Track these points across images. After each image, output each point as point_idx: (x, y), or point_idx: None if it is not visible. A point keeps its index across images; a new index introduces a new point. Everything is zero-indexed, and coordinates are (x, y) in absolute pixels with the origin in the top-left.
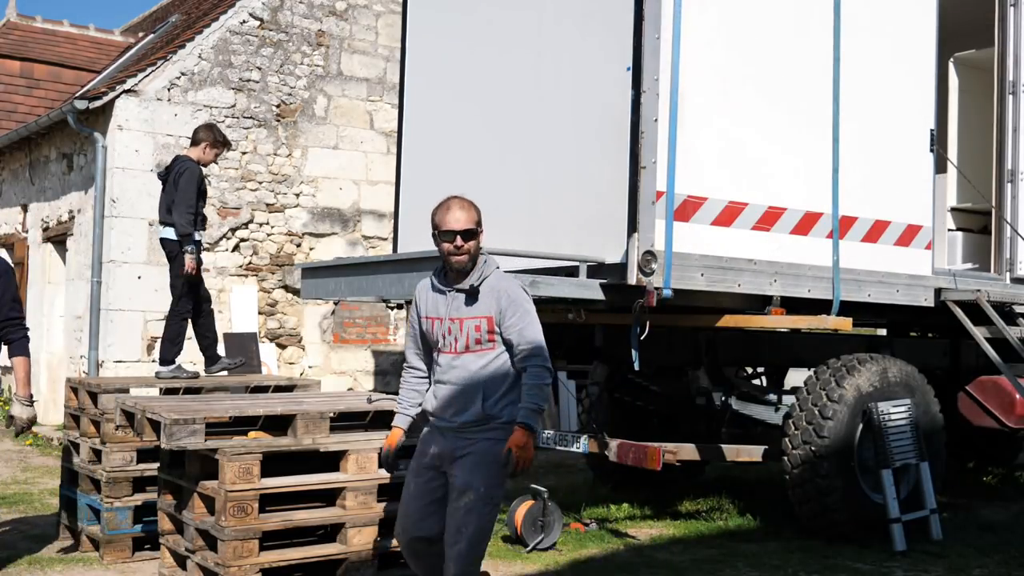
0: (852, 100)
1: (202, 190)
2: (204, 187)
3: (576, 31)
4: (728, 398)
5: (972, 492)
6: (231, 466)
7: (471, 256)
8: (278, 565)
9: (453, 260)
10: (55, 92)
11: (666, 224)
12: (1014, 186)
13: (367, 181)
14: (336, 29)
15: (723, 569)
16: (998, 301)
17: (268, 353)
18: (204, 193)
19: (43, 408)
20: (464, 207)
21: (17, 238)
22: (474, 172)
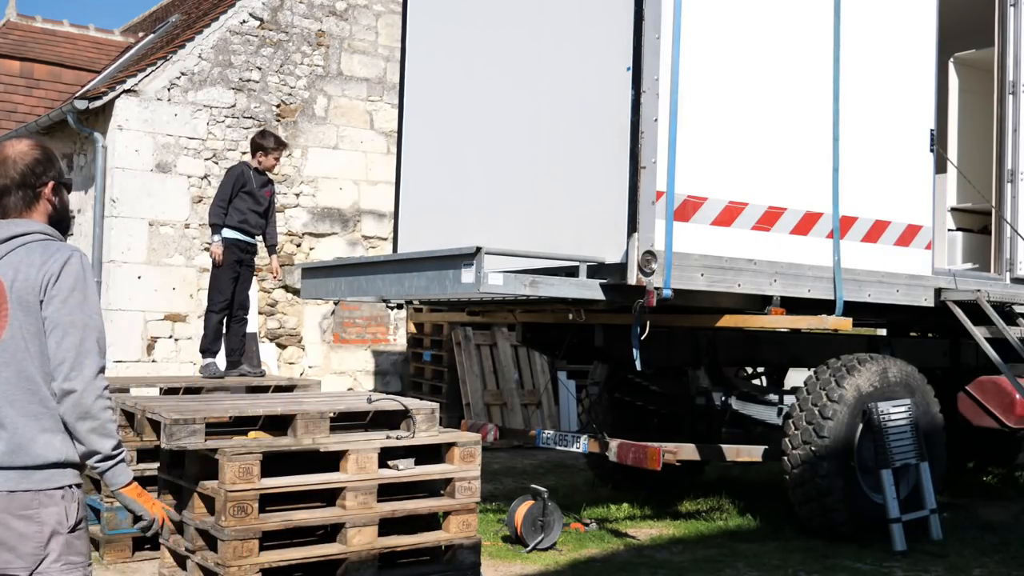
0: (852, 100)
1: (246, 190)
2: (248, 187)
3: (576, 31)
4: (728, 398)
5: (972, 492)
6: (231, 466)
7: None
8: (278, 565)
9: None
10: (55, 92)
11: (666, 224)
12: (1014, 186)
13: (367, 181)
14: (336, 29)
15: (723, 569)
16: (998, 301)
17: (268, 353)
18: (250, 193)
19: None
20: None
21: None
22: (474, 172)
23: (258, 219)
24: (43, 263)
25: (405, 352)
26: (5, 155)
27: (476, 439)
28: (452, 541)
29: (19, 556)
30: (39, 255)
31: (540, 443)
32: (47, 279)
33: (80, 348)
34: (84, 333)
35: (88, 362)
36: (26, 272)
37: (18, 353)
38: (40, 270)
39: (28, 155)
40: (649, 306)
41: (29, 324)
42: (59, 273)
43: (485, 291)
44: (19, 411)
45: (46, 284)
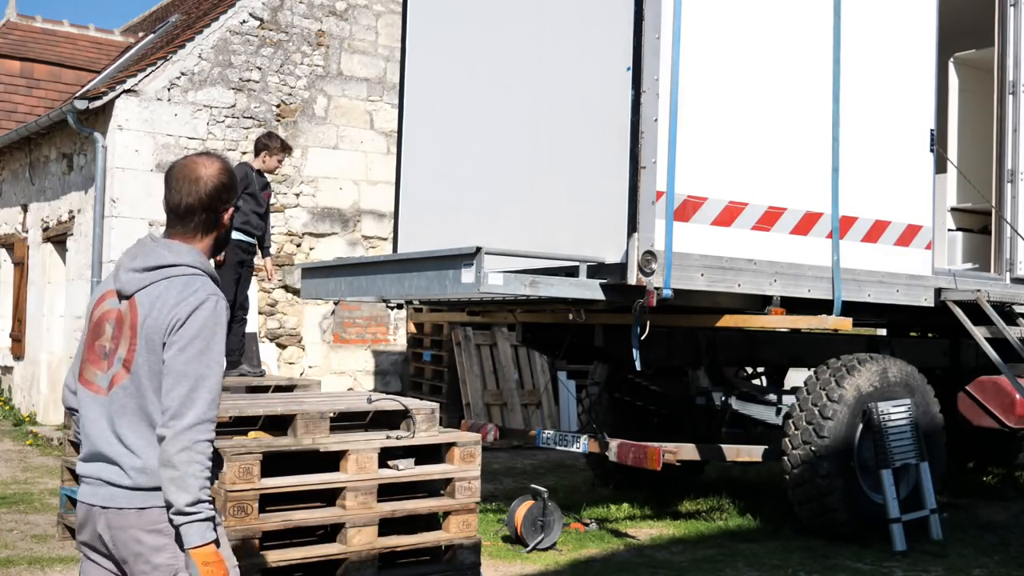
0: (852, 100)
1: (249, 191)
2: (251, 188)
3: (576, 31)
4: (728, 398)
5: (972, 492)
6: (231, 466)
7: None
8: (278, 565)
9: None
10: (55, 92)
11: (666, 224)
12: (1014, 186)
13: (367, 181)
14: (336, 29)
15: (723, 569)
16: (998, 301)
17: (268, 353)
18: (252, 194)
19: (43, 408)
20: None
21: (17, 238)
22: (474, 172)
23: (259, 220)
24: (175, 304)
25: (405, 352)
26: (197, 175)
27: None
28: (452, 541)
29: (155, 567)
30: (175, 294)
31: (540, 443)
32: (173, 323)
33: (187, 398)
34: (196, 383)
35: (190, 413)
36: (159, 310)
37: (141, 387)
38: (170, 312)
39: (218, 178)
40: (649, 306)
41: (152, 362)
42: (186, 319)
43: (485, 291)
44: (144, 440)
45: (171, 327)
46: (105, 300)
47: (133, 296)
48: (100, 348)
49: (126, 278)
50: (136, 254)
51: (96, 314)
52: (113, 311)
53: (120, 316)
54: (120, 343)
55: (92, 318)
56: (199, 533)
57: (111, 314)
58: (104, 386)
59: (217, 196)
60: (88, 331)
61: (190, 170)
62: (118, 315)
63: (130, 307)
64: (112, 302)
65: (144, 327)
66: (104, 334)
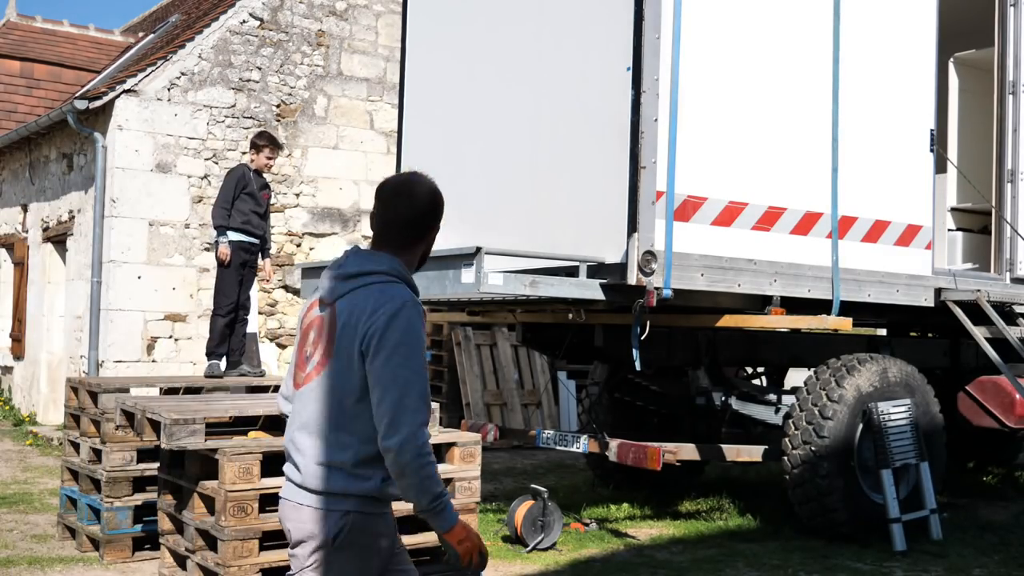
0: (852, 100)
1: (247, 192)
2: (249, 188)
3: (576, 31)
4: (728, 398)
5: (972, 492)
6: (231, 466)
7: None
8: (278, 565)
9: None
10: (55, 92)
11: (666, 224)
12: (1014, 186)
13: (367, 181)
14: (336, 29)
15: (723, 569)
16: (998, 301)
17: (268, 353)
18: (251, 194)
19: (43, 408)
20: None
21: (17, 238)
22: (474, 172)
23: (259, 220)
24: (373, 312)
25: None
26: (412, 192)
27: (476, 439)
28: None
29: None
30: (372, 302)
31: (540, 443)
32: (372, 332)
33: (399, 406)
34: (404, 390)
35: (406, 420)
36: (356, 319)
37: (331, 391)
38: (368, 320)
39: (431, 196)
40: (649, 306)
41: (345, 368)
42: (384, 328)
43: (485, 291)
44: (319, 442)
45: (369, 336)
46: (312, 308)
47: (334, 303)
48: (305, 353)
49: (329, 286)
50: (339, 263)
51: (305, 322)
52: (318, 319)
53: (322, 323)
54: (317, 348)
55: (302, 326)
56: (446, 519)
57: (316, 322)
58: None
59: (430, 212)
60: (298, 339)
61: (406, 187)
62: (321, 322)
63: (330, 314)
64: (317, 311)
65: (343, 333)
66: (308, 340)
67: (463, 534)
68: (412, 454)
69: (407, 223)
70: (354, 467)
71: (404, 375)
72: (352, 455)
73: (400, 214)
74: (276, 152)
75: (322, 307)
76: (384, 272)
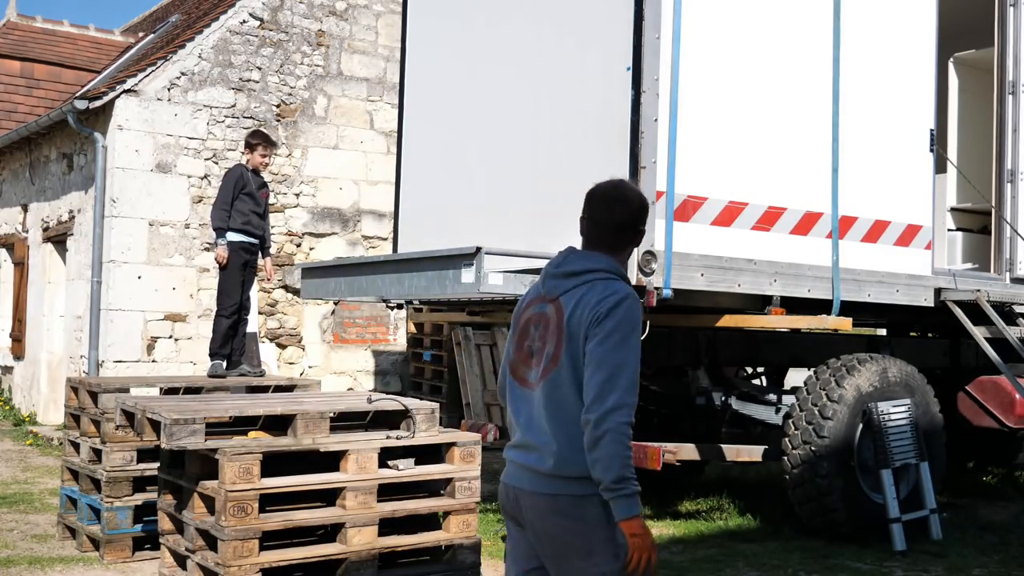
0: (852, 100)
1: (246, 192)
2: (248, 188)
3: (576, 31)
4: (728, 398)
5: (972, 492)
6: (231, 466)
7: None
8: (278, 565)
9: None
10: (55, 92)
11: (666, 224)
12: (1014, 186)
13: (367, 181)
14: (336, 29)
15: (723, 569)
16: (998, 301)
17: (268, 353)
18: (249, 194)
19: (43, 408)
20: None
21: (17, 238)
22: (474, 172)
23: (259, 220)
24: (597, 302)
25: (405, 352)
26: (627, 197)
27: (476, 439)
28: (452, 541)
29: (572, 549)
30: (597, 293)
31: None
32: (595, 317)
33: (607, 384)
34: (615, 371)
35: (611, 396)
36: (582, 309)
37: (565, 380)
38: (593, 309)
39: (641, 200)
40: (649, 306)
41: (574, 356)
42: (606, 314)
43: (485, 291)
44: (563, 430)
45: (592, 322)
46: (531, 306)
47: (558, 298)
48: (527, 348)
49: (552, 284)
50: (559, 263)
51: (523, 319)
52: (538, 315)
53: (546, 318)
54: (547, 342)
55: (519, 322)
56: (626, 507)
57: (536, 318)
58: (534, 381)
59: (641, 216)
60: (515, 334)
61: (620, 192)
62: (543, 317)
63: (555, 308)
64: (537, 307)
65: (568, 324)
66: (529, 336)
67: (640, 530)
68: (610, 428)
69: (620, 226)
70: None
71: (617, 357)
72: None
73: (614, 218)
74: (270, 149)
75: (543, 303)
76: (604, 270)
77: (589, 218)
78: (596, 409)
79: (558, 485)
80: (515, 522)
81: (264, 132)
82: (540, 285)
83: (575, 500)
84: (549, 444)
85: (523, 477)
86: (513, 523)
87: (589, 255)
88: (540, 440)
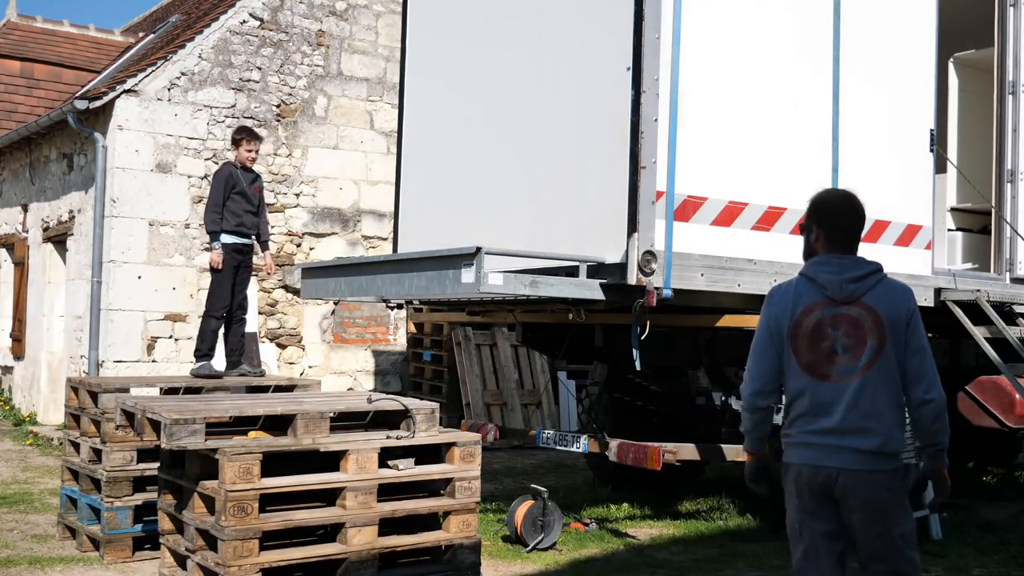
0: (852, 100)
1: (237, 191)
2: (239, 187)
3: (576, 31)
4: (728, 398)
5: (972, 492)
6: (231, 466)
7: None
8: (278, 565)
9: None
10: (55, 92)
11: (666, 224)
12: (1014, 186)
13: (367, 181)
14: (336, 29)
15: (723, 569)
16: (998, 301)
17: (268, 353)
18: (241, 193)
19: (43, 408)
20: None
21: (17, 238)
22: (474, 172)
23: (253, 219)
24: (899, 298)
25: (405, 352)
26: (859, 204)
27: (476, 439)
28: (452, 541)
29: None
30: (893, 292)
31: (540, 443)
32: (909, 311)
33: (928, 365)
34: (926, 354)
35: (934, 375)
36: (894, 304)
37: (890, 368)
38: (902, 304)
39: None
40: (649, 306)
41: (896, 345)
42: (912, 308)
43: (485, 291)
44: (888, 412)
45: (907, 315)
46: (814, 310)
47: (859, 300)
48: (828, 348)
49: (848, 288)
50: (839, 270)
51: (808, 323)
52: (836, 316)
53: (851, 318)
54: (866, 338)
55: (802, 326)
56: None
57: (834, 319)
58: (850, 374)
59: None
60: (799, 337)
61: (854, 201)
62: (846, 318)
63: (864, 309)
64: (829, 310)
65: (889, 319)
66: (828, 336)
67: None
68: (941, 399)
69: (858, 230)
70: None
71: (925, 344)
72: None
73: (856, 223)
74: (255, 143)
75: (837, 306)
76: (878, 269)
77: (832, 226)
78: (934, 390)
79: (882, 461)
80: (816, 499)
81: (248, 127)
82: (817, 292)
83: (894, 473)
84: (876, 426)
85: (844, 458)
86: (813, 500)
87: (858, 260)
88: (866, 423)
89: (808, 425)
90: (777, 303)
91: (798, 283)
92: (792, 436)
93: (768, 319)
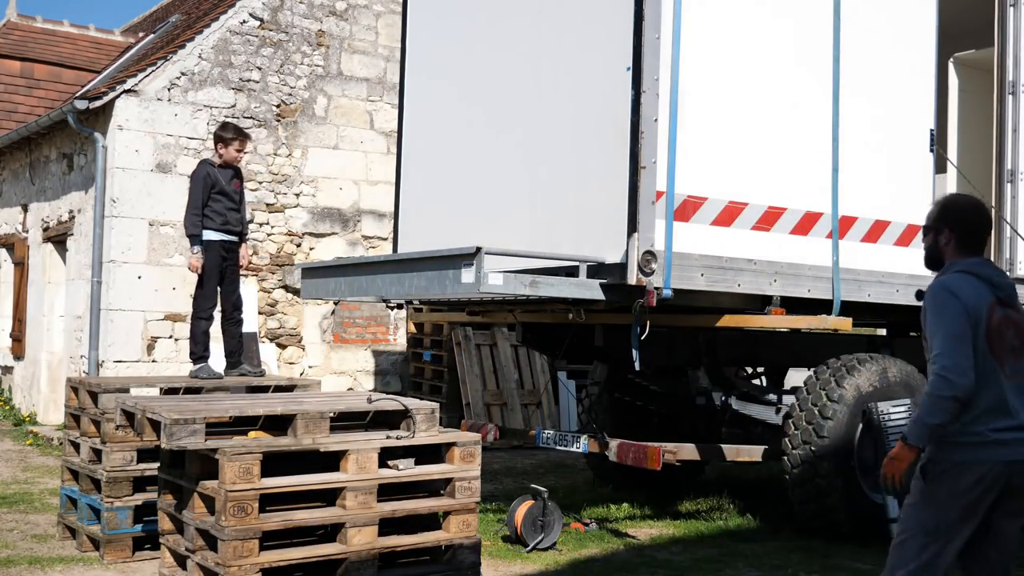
0: (852, 100)
1: (217, 191)
2: (219, 187)
3: (576, 31)
4: (728, 398)
5: None
6: (231, 466)
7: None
8: (278, 565)
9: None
10: (55, 92)
11: (666, 224)
12: (1014, 186)
13: (367, 181)
14: (336, 29)
15: (723, 569)
16: None
17: (268, 353)
18: (222, 192)
19: (43, 407)
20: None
21: (17, 238)
22: (474, 172)
23: (237, 216)
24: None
25: (405, 352)
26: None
27: (476, 439)
28: (452, 541)
29: None
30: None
31: (540, 443)
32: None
33: None
34: None
35: None
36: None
37: None
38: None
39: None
40: (649, 306)
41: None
42: None
43: (485, 291)
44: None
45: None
46: (995, 309)
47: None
48: (1008, 346)
49: (1008, 292)
50: (1000, 273)
51: (994, 321)
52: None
53: (1013, 321)
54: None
55: (991, 324)
56: None
57: (1006, 320)
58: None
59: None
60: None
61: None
62: (1012, 321)
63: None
64: (1000, 311)
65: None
66: (1006, 336)
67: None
68: None
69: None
70: None
71: None
72: None
73: (988, 228)
74: (245, 143)
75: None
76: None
77: (967, 230)
78: None
79: None
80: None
81: (236, 125)
82: (989, 292)
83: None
84: None
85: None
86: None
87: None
88: None
89: (995, 422)
90: (969, 296)
91: (971, 280)
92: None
93: (965, 308)
